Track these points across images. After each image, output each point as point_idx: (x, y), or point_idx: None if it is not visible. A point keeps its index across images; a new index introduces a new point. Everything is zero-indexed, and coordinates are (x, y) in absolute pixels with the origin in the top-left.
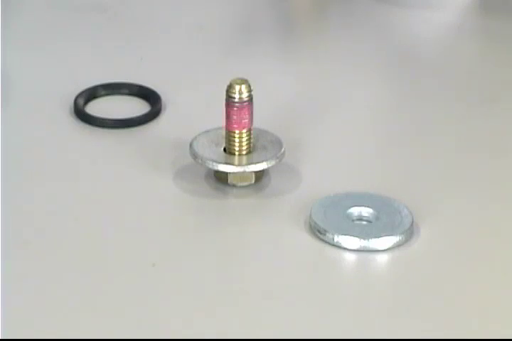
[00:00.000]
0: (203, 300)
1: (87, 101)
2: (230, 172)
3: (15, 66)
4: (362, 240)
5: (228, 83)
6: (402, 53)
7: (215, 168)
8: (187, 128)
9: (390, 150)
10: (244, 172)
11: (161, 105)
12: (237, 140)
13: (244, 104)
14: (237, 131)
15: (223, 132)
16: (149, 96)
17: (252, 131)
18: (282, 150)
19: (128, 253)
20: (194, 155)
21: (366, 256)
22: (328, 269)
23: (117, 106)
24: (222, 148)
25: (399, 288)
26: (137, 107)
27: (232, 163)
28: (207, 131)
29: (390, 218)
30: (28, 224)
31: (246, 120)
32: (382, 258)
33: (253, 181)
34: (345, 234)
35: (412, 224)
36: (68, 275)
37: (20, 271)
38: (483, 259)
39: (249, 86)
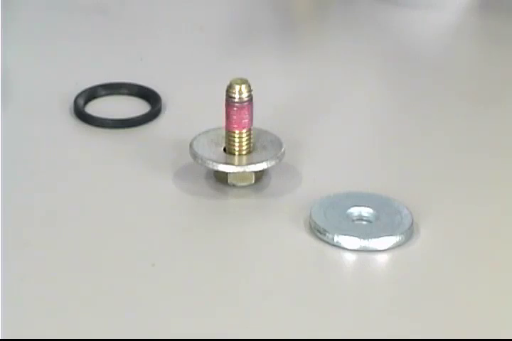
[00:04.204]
0: (202, 300)
1: (87, 101)
2: (229, 172)
3: (15, 66)
4: (362, 240)
5: (228, 83)
6: (402, 53)
7: (215, 168)
8: (187, 128)
9: (390, 150)
10: (244, 172)
11: (161, 105)
12: (237, 140)
13: (244, 104)
14: (237, 131)
15: (223, 132)
16: (149, 96)
17: (252, 131)
18: (282, 150)
19: (128, 253)
20: (194, 155)
21: (366, 256)
22: (328, 269)
23: (117, 106)
24: (222, 148)
25: (399, 288)
26: (137, 107)
27: (232, 163)
28: (207, 131)
29: (390, 218)
30: (28, 224)
31: (246, 120)
32: (382, 258)
33: (253, 181)
34: (345, 234)
35: (412, 224)
36: (68, 276)
37: (20, 271)
38: (483, 259)
39: (249, 86)
